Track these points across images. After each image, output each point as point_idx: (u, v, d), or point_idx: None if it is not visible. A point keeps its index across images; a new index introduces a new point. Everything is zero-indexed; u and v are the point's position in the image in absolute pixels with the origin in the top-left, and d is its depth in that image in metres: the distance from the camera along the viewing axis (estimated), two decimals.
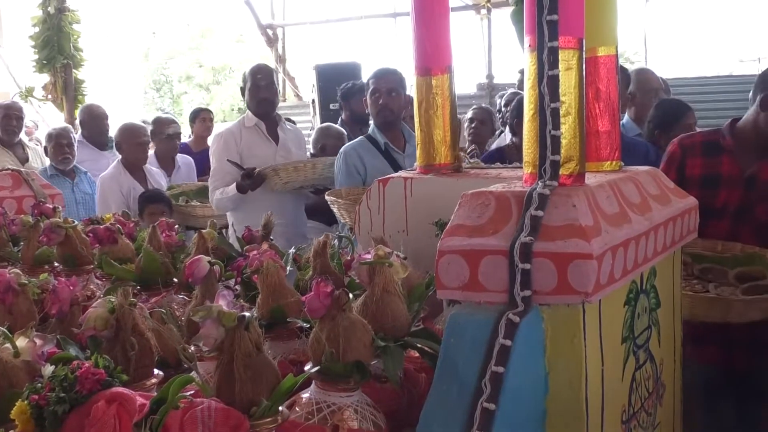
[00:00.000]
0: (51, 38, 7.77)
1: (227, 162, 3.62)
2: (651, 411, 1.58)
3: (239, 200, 3.56)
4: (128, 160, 4.20)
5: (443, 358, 1.19)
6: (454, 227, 1.31)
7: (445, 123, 1.92)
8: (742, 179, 2.51)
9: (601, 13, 1.66)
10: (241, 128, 3.76)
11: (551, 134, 1.33)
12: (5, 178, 2.90)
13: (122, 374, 0.86)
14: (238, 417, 0.99)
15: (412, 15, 1.93)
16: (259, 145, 3.73)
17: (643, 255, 1.46)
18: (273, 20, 12.52)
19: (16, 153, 4.69)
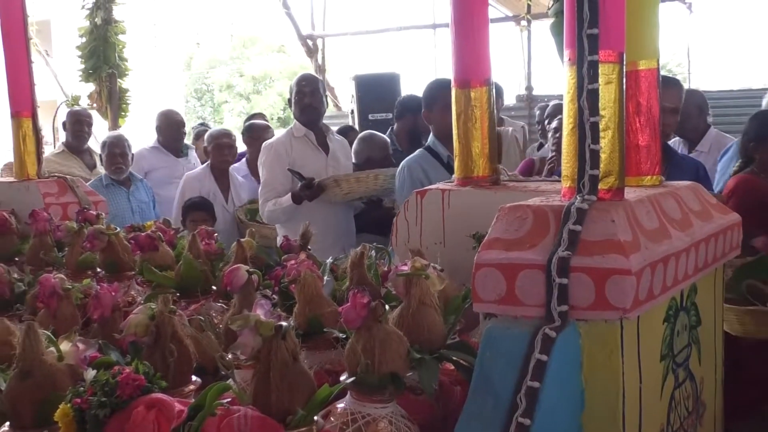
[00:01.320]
0: (97, 48, 7.92)
1: (285, 171, 3.60)
2: (689, 429, 1.55)
3: (292, 211, 3.53)
4: (212, 163, 4.25)
5: (479, 372, 1.19)
6: (491, 240, 1.31)
7: (483, 135, 1.92)
8: None
9: (643, 25, 1.65)
10: (291, 139, 3.73)
11: (590, 148, 1.32)
12: (51, 184, 2.96)
13: (161, 380, 0.87)
14: (273, 426, 1.00)
15: (451, 27, 1.93)
16: (310, 155, 3.69)
17: (684, 272, 1.44)
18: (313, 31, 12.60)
19: (84, 159, 4.75)
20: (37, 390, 1.04)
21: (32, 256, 2.24)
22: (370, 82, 8.00)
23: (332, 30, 13.59)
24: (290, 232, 3.52)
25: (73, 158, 4.70)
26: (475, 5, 1.90)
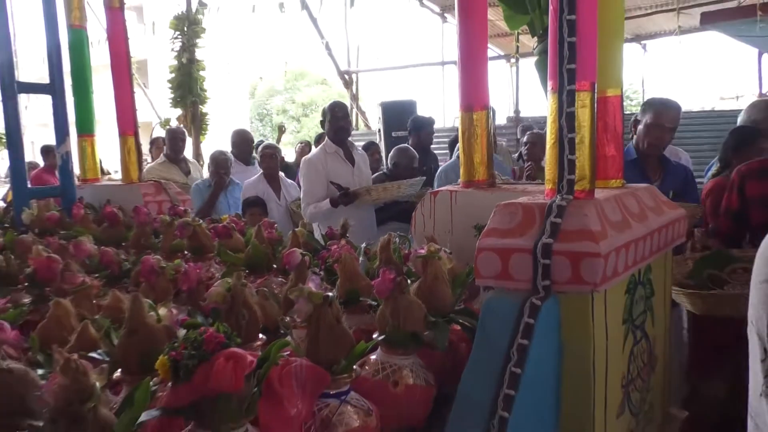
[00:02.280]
0: (184, 82, 8.01)
1: (322, 181, 3.64)
2: (645, 378, 1.54)
3: (330, 213, 3.56)
4: (264, 170, 4.29)
5: (480, 332, 1.18)
6: (489, 230, 1.30)
7: (482, 148, 1.90)
8: None
9: (610, 61, 1.63)
10: (325, 154, 3.77)
11: (568, 158, 1.31)
12: (150, 187, 3.00)
13: (237, 338, 0.88)
14: (322, 372, 1.00)
15: (458, 63, 1.92)
16: (340, 167, 3.74)
17: (641, 254, 1.42)
18: (349, 67, 12.60)
19: (180, 167, 4.86)
20: (141, 345, 1.06)
21: (135, 242, 2.26)
22: (394, 107, 8.01)
23: (364, 66, 13.56)
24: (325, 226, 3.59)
25: (173, 166, 4.80)
26: (478, 47, 1.89)
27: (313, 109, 31.59)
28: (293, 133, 31.72)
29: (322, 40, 11.50)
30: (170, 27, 8.19)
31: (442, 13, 11.69)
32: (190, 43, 8.01)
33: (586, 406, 1.22)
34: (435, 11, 11.77)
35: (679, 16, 7.12)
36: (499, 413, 1.07)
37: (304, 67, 32.17)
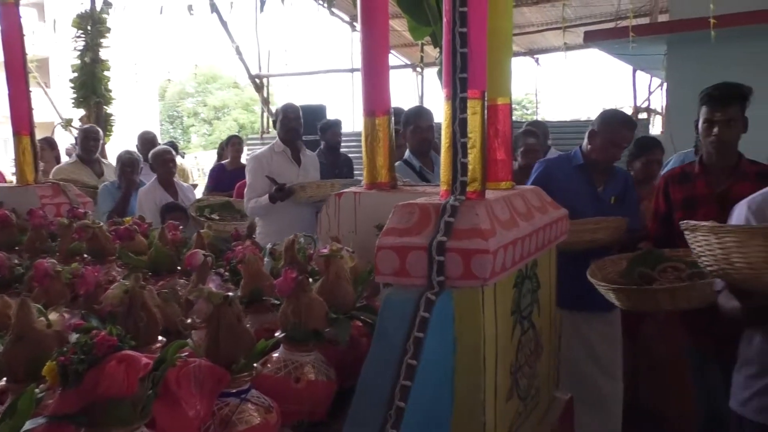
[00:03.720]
0: (87, 82, 7.56)
1: (264, 178, 3.58)
2: (532, 364, 1.60)
3: (269, 208, 3.52)
4: (160, 176, 4.07)
5: (379, 327, 1.19)
6: (388, 229, 1.32)
7: (385, 152, 1.92)
8: (715, 197, 2.41)
9: (500, 73, 1.68)
10: (272, 153, 3.74)
11: (461, 161, 1.35)
12: (47, 189, 2.80)
13: (131, 340, 0.83)
14: (222, 372, 0.97)
15: (361, 71, 1.93)
16: (286, 166, 3.72)
17: (528, 250, 1.48)
18: (260, 71, 12.37)
19: (93, 168, 4.52)
20: (28, 351, 0.98)
21: (30, 246, 2.10)
22: (304, 112, 7.90)
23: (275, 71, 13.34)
24: (267, 223, 3.53)
25: (84, 167, 4.48)
26: (380, 55, 1.91)
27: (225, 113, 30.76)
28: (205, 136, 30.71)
29: (232, 43, 11.21)
30: (73, 25, 7.69)
31: (351, 21, 11.72)
32: (94, 42, 7.55)
33: (477, 391, 1.26)
34: (345, 20, 11.79)
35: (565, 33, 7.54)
36: (396, 403, 1.09)
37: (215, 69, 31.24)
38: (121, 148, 4.78)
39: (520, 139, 3.86)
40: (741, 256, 1.39)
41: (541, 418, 1.69)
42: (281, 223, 3.39)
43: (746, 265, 1.38)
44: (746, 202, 1.84)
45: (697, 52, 5.38)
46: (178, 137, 27.95)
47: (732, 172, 2.41)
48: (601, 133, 2.91)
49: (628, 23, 5.51)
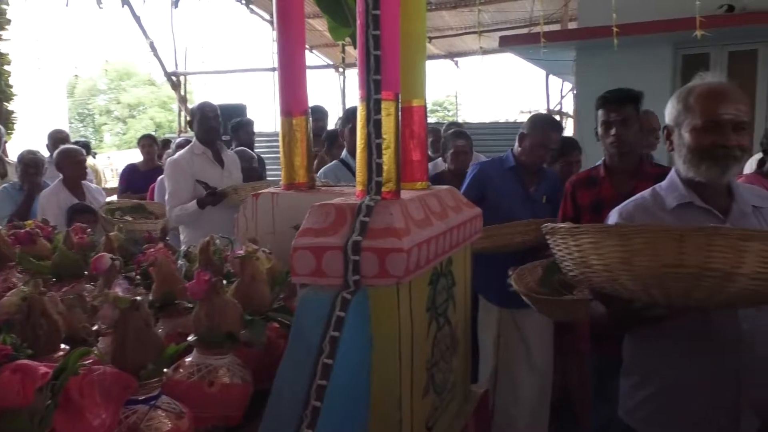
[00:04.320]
0: None
1: (188, 182, 3.39)
2: (448, 359, 1.65)
3: (198, 215, 3.32)
4: (68, 178, 3.81)
5: (295, 327, 1.19)
6: (304, 230, 1.32)
7: (302, 152, 1.91)
8: (622, 199, 2.36)
9: (415, 75, 1.72)
10: (192, 155, 3.55)
11: (376, 162, 1.37)
12: None
13: (27, 350, 0.79)
14: (128, 378, 0.94)
15: (278, 70, 1.91)
16: (209, 169, 3.55)
17: (442, 249, 1.51)
18: (177, 69, 11.97)
19: None
20: None
21: None
22: (224, 110, 7.73)
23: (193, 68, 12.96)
24: (193, 230, 3.35)
25: None
26: (296, 54, 1.90)
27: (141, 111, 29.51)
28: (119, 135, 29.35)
29: (146, 39, 10.78)
30: None
31: (271, 20, 11.56)
32: None
33: (393, 388, 1.28)
34: (265, 18, 11.61)
35: (483, 38, 7.78)
36: (312, 403, 1.09)
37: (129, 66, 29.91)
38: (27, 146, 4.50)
39: (449, 141, 3.88)
40: (598, 258, 1.28)
41: (457, 411, 1.74)
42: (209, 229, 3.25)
43: (603, 267, 1.28)
44: (618, 209, 1.81)
45: (602, 58, 5.71)
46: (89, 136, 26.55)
47: (635, 174, 2.49)
48: (530, 135, 3.05)
49: (540, 30, 5.76)
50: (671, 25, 5.69)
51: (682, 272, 1.15)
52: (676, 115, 1.67)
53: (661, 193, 1.74)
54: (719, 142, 1.55)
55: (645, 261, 1.18)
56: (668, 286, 1.19)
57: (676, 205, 1.66)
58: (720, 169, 1.58)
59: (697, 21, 4.58)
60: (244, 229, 1.96)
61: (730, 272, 1.13)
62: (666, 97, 4.82)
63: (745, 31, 5.84)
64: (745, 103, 1.60)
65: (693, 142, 1.59)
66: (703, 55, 6.35)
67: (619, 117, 2.45)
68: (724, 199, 1.65)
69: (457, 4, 9.18)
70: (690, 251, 1.14)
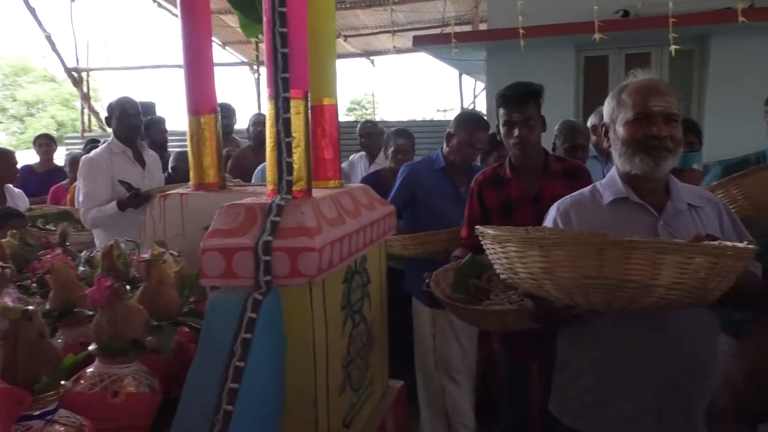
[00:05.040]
0: None
1: (106, 183, 3.15)
2: (365, 356, 1.66)
3: (117, 217, 3.11)
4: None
5: (205, 331, 1.17)
6: (213, 231, 1.29)
7: (212, 152, 1.87)
8: (530, 199, 2.40)
9: (325, 74, 1.72)
10: (110, 154, 3.30)
11: (286, 161, 1.36)
12: None
13: None
14: (21, 393, 0.88)
15: (184, 67, 1.85)
16: (129, 168, 3.31)
17: (356, 246, 1.53)
18: (78, 64, 11.31)
19: None
20: None
21: None
22: None
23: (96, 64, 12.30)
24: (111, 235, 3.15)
25: None
26: (202, 50, 1.85)
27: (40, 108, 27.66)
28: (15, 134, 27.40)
29: (43, 32, 10.12)
30: None
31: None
32: None
33: (308, 388, 1.28)
34: (173, 12, 11.19)
35: (396, 37, 7.89)
36: (224, 408, 1.07)
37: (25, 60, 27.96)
38: None
39: (390, 139, 3.83)
40: (523, 266, 1.28)
41: (374, 407, 1.76)
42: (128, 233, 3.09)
43: (528, 275, 1.28)
44: (557, 204, 1.82)
45: (511, 59, 5.94)
46: None
47: (542, 172, 2.44)
48: (457, 134, 3.00)
49: (451, 30, 5.91)
50: (573, 28, 6.00)
51: (602, 283, 1.16)
52: (611, 112, 1.70)
53: (599, 189, 1.75)
54: (651, 133, 1.58)
55: (566, 272, 1.20)
56: (590, 295, 1.21)
57: (612, 200, 1.68)
58: (653, 160, 1.60)
59: (595, 25, 4.86)
60: (152, 231, 1.88)
61: (647, 284, 1.15)
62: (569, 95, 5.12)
63: (639, 35, 6.25)
64: (675, 97, 1.64)
65: (626, 135, 1.62)
66: (603, 57, 6.74)
67: (522, 117, 2.37)
68: (661, 195, 1.67)
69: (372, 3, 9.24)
70: (608, 264, 1.15)
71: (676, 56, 5.09)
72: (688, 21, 5.21)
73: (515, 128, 2.40)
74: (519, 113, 2.38)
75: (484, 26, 8.16)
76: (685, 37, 5.75)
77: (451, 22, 6.45)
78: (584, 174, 2.48)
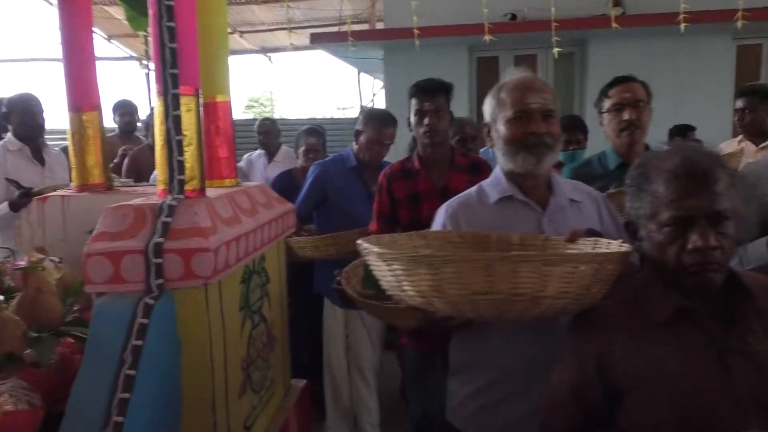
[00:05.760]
0: None
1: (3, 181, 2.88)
2: (265, 357, 1.64)
3: (10, 219, 2.83)
4: None
5: (91, 340, 1.11)
6: (98, 234, 1.22)
7: (96, 150, 1.76)
8: (437, 191, 2.41)
9: (217, 70, 1.67)
10: (5, 151, 3.03)
11: (177, 160, 1.31)
12: None
13: None
14: None
15: (63, 60, 1.73)
16: (25, 167, 3.06)
17: (253, 246, 1.50)
18: None
19: None
20: None
21: None
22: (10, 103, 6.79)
23: None
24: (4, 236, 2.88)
25: None
26: (83, 43, 1.74)
27: None
28: None
29: None
30: None
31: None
32: None
33: (206, 392, 1.25)
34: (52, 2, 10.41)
35: (294, 34, 7.80)
36: (114, 419, 1.02)
37: None
38: None
39: (301, 138, 3.72)
40: (410, 284, 1.23)
41: (277, 407, 1.75)
42: None
43: (417, 293, 1.23)
44: (444, 206, 1.77)
45: (408, 58, 6.06)
46: None
47: (449, 166, 2.51)
48: (365, 131, 2.97)
49: (348, 28, 5.93)
50: (465, 29, 6.22)
51: (492, 298, 1.16)
52: (491, 112, 1.71)
53: (485, 188, 1.75)
54: (531, 131, 1.60)
55: (456, 289, 1.18)
56: (480, 310, 1.21)
57: (498, 199, 1.69)
58: (535, 157, 1.62)
59: (485, 27, 5.07)
60: (29, 236, 1.75)
61: (536, 296, 1.16)
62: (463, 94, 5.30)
63: (526, 37, 6.58)
64: (551, 93, 1.67)
65: (507, 133, 1.63)
66: (494, 57, 7.04)
67: (433, 106, 2.43)
68: (544, 192, 1.69)
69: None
70: (498, 279, 1.15)
71: (559, 58, 5.42)
72: (569, 25, 5.56)
73: (426, 117, 2.45)
74: (430, 102, 2.45)
75: (381, 25, 8.25)
76: (567, 40, 6.13)
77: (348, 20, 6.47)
78: (486, 169, 2.54)
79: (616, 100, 2.30)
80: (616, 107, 2.29)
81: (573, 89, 7.09)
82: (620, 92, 2.30)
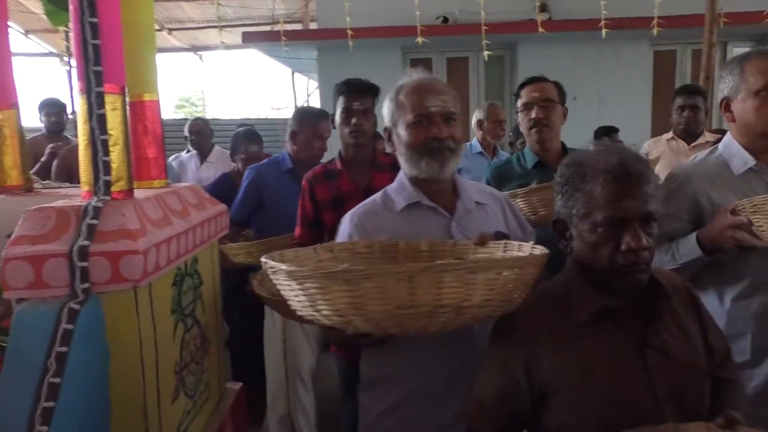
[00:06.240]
0: None
1: None
2: (199, 360, 1.62)
3: None
4: None
5: (11, 348, 1.06)
6: (17, 238, 1.17)
7: (14, 150, 1.68)
8: (360, 192, 2.34)
9: (145, 69, 1.63)
10: None
11: (102, 160, 1.28)
12: None
13: None
14: None
15: None
16: None
17: (185, 248, 1.48)
18: None
19: None
20: None
21: None
22: None
23: None
24: None
25: None
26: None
27: None
28: None
29: None
30: None
31: None
32: None
33: (137, 398, 1.22)
34: None
35: (225, 33, 7.65)
36: (37, 429, 0.99)
37: None
38: None
39: (241, 145, 3.54)
40: (326, 303, 1.14)
41: (212, 411, 1.72)
42: None
43: (334, 312, 1.14)
44: (350, 214, 1.68)
45: (342, 59, 6.05)
46: None
47: (371, 165, 2.48)
48: (302, 130, 2.90)
49: (280, 28, 5.88)
50: (398, 31, 6.28)
51: (416, 311, 1.11)
52: (391, 116, 1.66)
53: (391, 195, 1.68)
54: (432, 135, 1.55)
55: (377, 305, 1.11)
56: (404, 325, 1.14)
57: (405, 206, 1.63)
58: (438, 163, 1.57)
59: (418, 29, 5.14)
60: None
61: (461, 306, 1.13)
62: None
63: (458, 40, 6.72)
64: (451, 95, 1.63)
65: (409, 138, 1.58)
66: (427, 59, 7.15)
67: (362, 107, 2.39)
68: (450, 196, 1.65)
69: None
70: (421, 291, 1.10)
71: (490, 60, 5.56)
72: (498, 29, 5.71)
73: (353, 116, 2.41)
74: (359, 102, 2.42)
75: (314, 25, 8.22)
76: (497, 43, 6.31)
77: (280, 19, 6.40)
78: None
79: (526, 100, 2.37)
80: (526, 106, 2.37)
81: (503, 91, 7.30)
82: (529, 92, 2.37)
